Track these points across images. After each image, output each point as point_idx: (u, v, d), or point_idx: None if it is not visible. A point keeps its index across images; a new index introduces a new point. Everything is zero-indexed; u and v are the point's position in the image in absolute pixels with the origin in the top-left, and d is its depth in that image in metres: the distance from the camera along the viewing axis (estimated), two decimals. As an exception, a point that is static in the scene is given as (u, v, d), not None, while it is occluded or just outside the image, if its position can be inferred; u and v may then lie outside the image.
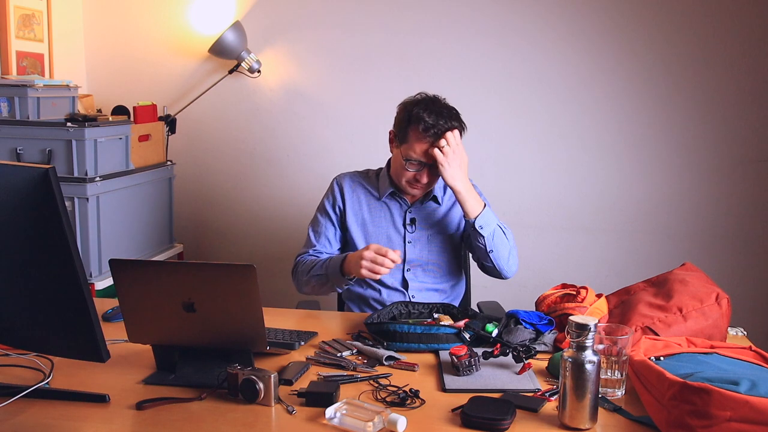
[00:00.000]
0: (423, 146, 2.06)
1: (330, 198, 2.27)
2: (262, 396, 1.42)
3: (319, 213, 2.29)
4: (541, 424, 1.36)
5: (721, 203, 3.13)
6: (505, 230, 2.16)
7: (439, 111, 2.07)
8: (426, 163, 2.08)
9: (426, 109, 2.07)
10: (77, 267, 1.29)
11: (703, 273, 1.89)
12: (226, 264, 1.46)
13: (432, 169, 2.09)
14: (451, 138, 2.05)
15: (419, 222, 2.22)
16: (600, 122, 3.15)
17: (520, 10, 3.12)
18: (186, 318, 1.49)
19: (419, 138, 2.06)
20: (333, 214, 2.25)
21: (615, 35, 3.08)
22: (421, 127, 2.05)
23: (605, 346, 1.51)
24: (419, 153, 2.07)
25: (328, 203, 2.27)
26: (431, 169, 2.09)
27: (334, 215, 2.25)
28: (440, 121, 2.05)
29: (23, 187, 1.29)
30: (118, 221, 2.76)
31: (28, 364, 1.60)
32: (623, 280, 2.05)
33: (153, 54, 3.37)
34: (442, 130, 2.05)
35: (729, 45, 3.03)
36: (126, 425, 1.37)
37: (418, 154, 2.07)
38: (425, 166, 2.09)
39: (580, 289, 1.83)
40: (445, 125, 2.05)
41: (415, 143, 2.07)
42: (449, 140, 2.05)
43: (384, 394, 1.48)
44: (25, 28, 2.97)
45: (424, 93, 2.15)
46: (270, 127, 3.35)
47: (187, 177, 3.40)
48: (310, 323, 2.00)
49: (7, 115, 2.63)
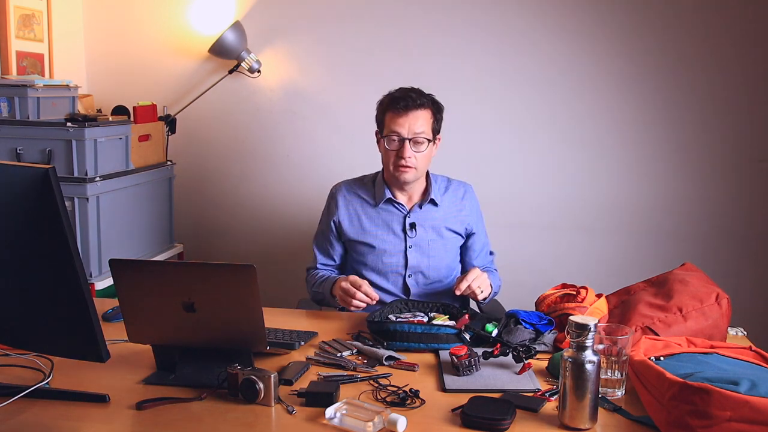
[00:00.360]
0: (397, 119, 2.11)
1: (327, 212, 2.32)
2: (262, 396, 1.42)
3: (319, 227, 2.34)
4: (541, 424, 1.36)
5: (722, 203, 3.13)
6: (497, 286, 2.23)
7: (409, 88, 2.17)
8: (404, 136, 2.11)
9: (396, 92, 2.17)
10: (77, 267, 1.29)
11: (703, 273, 1.89)
12: (226, 264, 1.46)
13: (413, 144, 2.11)
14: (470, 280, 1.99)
15: (419, 226, 2.22)
16: (600, 122, 3.15)
17: (523, 10, 3.12)
18: (186, 318, 1.49)
19: (393, 114, 2.13)
20: (330, 228, 2.28)
21: (615, 35, 3.08)
22: (392, 105, 2.13)
23: (605, 346, 1.51)
24: (394, 127, 2.11)
25: (326, 217, 2.31)
26: (411, 143, 2.11)
27: (331, 230, 2.28)
28: (410, 93, 2.13)
29: (23, 187, 1.29)
30: (118, 221, 2.76)
31: (28, 364, 1.60)
32: (623, 280, 2.05)
33: (153, 54, 3.37)
34: (412, 101, 2.11)
35: (729, 45, 3.03)
36: (126, 425, 1.37)
37: (394, 128, 2.11)
38: (404, 140, 2.11)
39: (580, 289, 1.83)
40: (415, 97, 2.12)
41: (390, 121, 2.13)
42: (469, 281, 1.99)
43: (384, 394, 1.48)
44: (25, 28, 2.97)
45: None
46: (270, 127, 3.35)
47: (187, 177, 3.40)
48: (310, 323, 2.00)
49: (7, 115, 2.63)
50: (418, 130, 2.11)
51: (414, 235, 2.21)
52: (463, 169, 2.85)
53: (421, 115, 2.12)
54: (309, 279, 2.30)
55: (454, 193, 2.28)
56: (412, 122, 2.10)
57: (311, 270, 2.32)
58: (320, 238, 2.32)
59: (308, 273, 2.32)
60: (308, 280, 2.30)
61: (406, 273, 2.21)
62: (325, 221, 2.30)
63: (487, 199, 2.37)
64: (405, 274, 2.21)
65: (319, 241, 2.32)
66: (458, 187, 2.30)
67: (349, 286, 2.01)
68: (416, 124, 2.11)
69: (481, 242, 2.30)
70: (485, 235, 2.34)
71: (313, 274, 2.29)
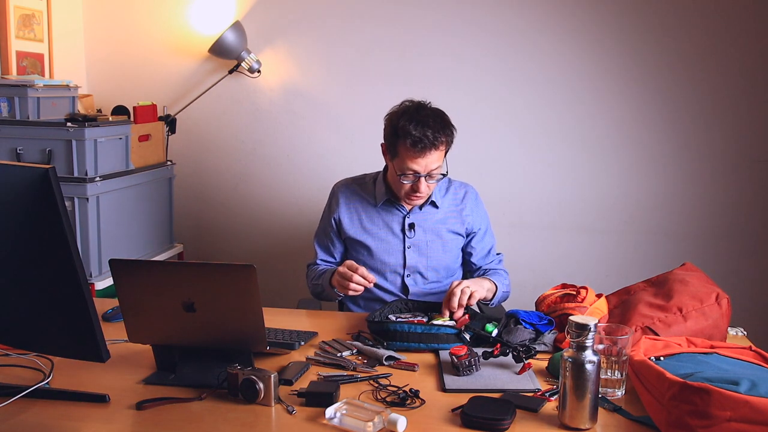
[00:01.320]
0: (414, 159, 2.05)
1: (328, 209, 2.32)
2: (262, 396, 1.42)
3: (320, 224, 2.34)
4: (541, 424, 1.36)
5: (721, 203, 3.13)
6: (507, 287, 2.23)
7: (425, 121, 2.03)
8: (420, 174, 2.07)
9: (411, 121, 2.03)
10: (77, 267, 1.29)
11: (703, 273, 1.89)
12: (226, 264, 1.46)
13: (428, 179, 2.09)
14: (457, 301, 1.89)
15: (418, 227, 2.22)
16: (601, 122, 3.15)
17: (523, 10, 3.12)
18: (186, 318, 1.49)
19: (408, 152, 2.04)
20: (331, 225, 2.28)
21: (616, 35, 3.08)
22: (408, 143, 2.02)
23: (605, 346, 1.51)
24: (411, 165, 2.06)
25: (327, 214, 2.31)
26: (427, 178, 2.09)
27: (331, 227, 2.28)
28: (427, 132, 2.01)
29: (23, 187, 1.29)
30: (118, 221, 2.76)
31: (28, 364, 1.60)
32: (623, 280, 2.05)
33: (153, 54, 3.37)
34: (429, 143, 2.02)
35: (729, 45, 3.03)
36: (126, 425, 1.37)
37: (411, 166, 2.06)
38: (420, 176, 2.08)
39: (580, 289, 1.83)
40: (432, 137, 2.02)
41: (406, 157, 2.05)
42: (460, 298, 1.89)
43: (384, 394, 1.48)
44: (25, 28, 2.97)
45: (409, 101, 2.13)
46: (270, 127, 3.35)
47: (187, 177, 3.40)
48: (310, 323, 2.00)
49: (7, 115, 2.63)
50: (434, 167, 2.07)
51: (413, 236, 2.21)
52: (463, 169, 2.85)
53: (437, 154, 2.06)
54: (309, 274, 2.30)
55: (455, 194, 2.28)
56: (429, 162, 2.05)
57: (311, 266, 2.32)
58: (321, 235, 2.32)
59: (308, 269, 2.33)
60: (308, 275, 2.31)
61: (404, 273, 2.21)
62: (326, 218, 2.30)
63: (487, 199, 2.37)
64: (403, 274, 2.21)
65: (320, 237, 2.32)
66: (459, 188, 2.30)
67: (345, 270, 2.00)
68: (432, 163, 2.06)
69: (483, 242, 2.29)
70: (491, 236, 2.32)
71: (313, 269, 2.29)
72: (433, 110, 2.10)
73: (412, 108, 2.09)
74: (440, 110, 2.11)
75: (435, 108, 2.11)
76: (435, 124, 2.04)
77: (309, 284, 2.29)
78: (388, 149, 2.14)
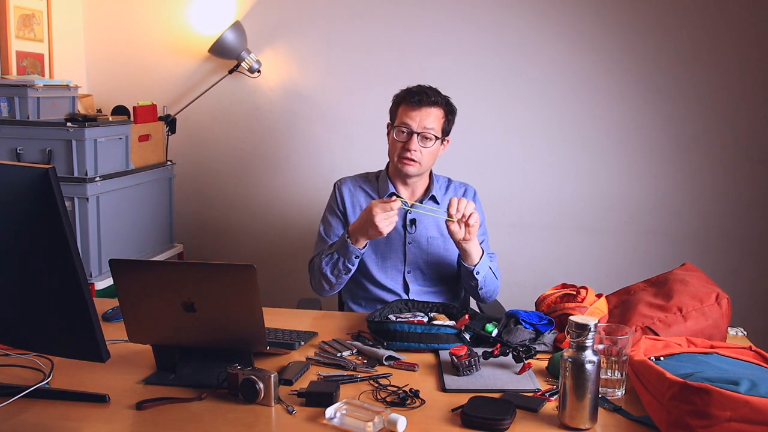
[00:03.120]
0: (409, 113, 2.13)
1: (332, 202, 2.31)
2: (262, 396, 1.42)
3: (327, 215, 2.31)
4: (541, 424, 1.36)
5: (721, 203, 3.13)
6: (495, 272, 2.20)
7: (425, 87, 2.18)
8: (413, 129, 2.12)
9: (413, 87, 2.20)
10: (77, 267, 1.29)
11: (703, 273, 1.89)
12: (226, 264, 1.46)
13: (421, 139, 2.12)
14: (458, 204, 1.98)
15: (419, 223, 2.22)
16: (600, 122, 3.15)
17: (523, 10, 3.12)
18: (186, 318, 1.49)
19: (406, 107, 2.15)
20: (336, 215, 2.28)
21: (616, 34, 3.08)
22: (407, 98, 2.16)
23: (605, 346, 1.51)
24: (405, 119, 2.13)
25: (332, 207, 2.30)
26: (420, 138, 2.12)
27: (337, 216, 2.28)
28: (426, 90, 2.16)
29: (23, 187, 1.29)
30: (118, 221, 2.76)
31: (28, 364, 1.60)
32: (623, 280, 2.05)
33: (153, 54, 3.37)
34: (426, 98, 2.13)
35: (729, 44, 3.03)
36: (126, 425, 1.37)
37: (405, 120, 2.13)
38: (413, 133, 2.12)
39: (580, 289, 1.83)
40: (430, 93, 2.15)
41: (403, 113, 2.15)
42: (458, 206, 1.97)
43: (384, 394, 1.48)
44: (25, 28, 2.97)
45: None
46: (270, 127, 3.35)
47: (187, 177, 3.40)
48: (310, 323, 2.00)
49: (7, 115, 2.63)
50: (428, 125, 2.13)
51: (414, 231, 2.21)
52: (464, 169, 2.86)
53: (433, 112, 2.14)
54: (315, 266, 2.18)
55: (454, 193, 2.29)
56: (423, 117, 2.13)
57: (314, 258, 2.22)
58: (326, 224, 2.28)
59: (312, 262, 2.22)
60: (312, 266, 2.20)
61: (405, 269, 2.21)
62: (331, 209, 2.30)
63: (487, 199, 2.37)
64: (404, 270, 2.21)
65: (326, 226, 2.28)
66: (459, 187, 2.32)
67: (384, 205, 1.95)
68: (427, 120, 2.13)
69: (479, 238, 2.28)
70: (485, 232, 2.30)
71: (318, 258, 2.17)
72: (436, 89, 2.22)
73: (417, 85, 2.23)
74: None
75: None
76: (434, 90, 2.19)
77: (316, 274, 2.16)
78: (390, 119, 2.22)
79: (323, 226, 2.30)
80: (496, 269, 2.21)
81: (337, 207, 2.28)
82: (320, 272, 2.14)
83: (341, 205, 2.27)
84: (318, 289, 2.20)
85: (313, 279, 2.21)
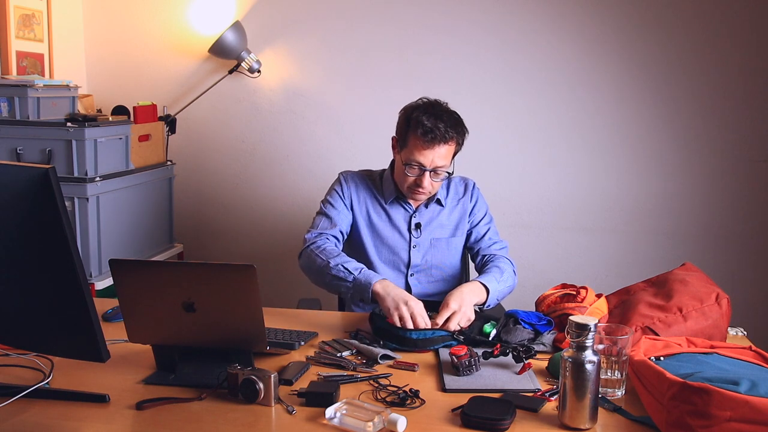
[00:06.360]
0: (422, 150, 2.04)
1: (339, 191, 2.23)
2: (262, 396, 1.42)
3: (330, 198, 2.22)
4: (541, 424, 1.36)
5: (721, 203, 3.13)
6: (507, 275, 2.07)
7: (439, 115, 2.05)
8: (425, 167, 2.06)
9: (425, 113, 2.06)
10: (77, 267, 1.29)
11: (703, 273, 1.89)
12: (226, 264, 1.46)
13: (432, 175, 2.09)
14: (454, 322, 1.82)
15: (424, 226, 2.22)
16: (601, 122, 3.16)
17: (523, 10, 3.12)
18: (186, 318, 1.49)
19: (418, 142, 2.05)
20: (341, 197, 2.21)
21: (616, 35, 3.08)
22: (419, 131, 2.03)
23: (605, 346, 1.51)
24: (418, 157, 2.05)
25: (339, 194, 2.22)
26: (432, 174, 2.08)
27: (342, 199, 2.21)
28: (439, 125, 2.03)
29: (23, 187, 1.29)
30: (118, 221, 2.76)
31: (28, 364, 1.60)
32: (623, 280, 2.05)
33: (153, 54, 3.37)
34: (440, 135, 2.03)
35: (729, 45, 3.03)
36: (126, 425, 1.37)
37: (417, 158, 2.05)
38: (425, 170, 2.07)
39: (580, 289, 1.83)
40: (443, 130, 2.03)
41: (414, 148, 2.06)
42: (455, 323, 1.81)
43: (384, 394, 1.48)
44: (25, 28, 2.97)
45: (425, 98, 2.14)
46: (270, 127, 3.35)
47: (187, 177, 3.40)
48: (310, 323, 2.00)
49: (7, 115, 2.63)
50: (440, 163, 2.07)
51: (418, 235, 2.21)
52: (464, 169, 2.85)
53: (446, 149, 2.06)
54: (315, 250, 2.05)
55: (456, 191, 2.28)
56: (436, 156, 2.05)
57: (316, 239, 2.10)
58: (328, 206, 2.20)
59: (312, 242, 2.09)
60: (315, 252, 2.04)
61: (408, 272, 2.21)
62: (337, 195, 2.21)
63: (488, 199, 2.37)
64: (407, 272, 2.21)
65: (327, 208, 2.19)
66: (459, 183, 2.30)
67: (415, 315, 1.79)
68: (439, 159, 2.06)
69: (483, 226, 2.25)
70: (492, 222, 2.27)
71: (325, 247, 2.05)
72: (448, 109, 2.12)
73: (428, 103, 2.12)
74: (456, 112, 2.12)
75: (451, 108, 2.13)
76: (448, 120, 2.06)
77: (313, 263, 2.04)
78: (399, 141, 2.14)
79: (326, 206, 2.20)
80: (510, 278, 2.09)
81: (345, 197, 2.22)
82: (319, 272, 2.03)
83: (348, 194, 2.22)
84: (305, 271, 2.10)
85: (306, 261, 2.08)
